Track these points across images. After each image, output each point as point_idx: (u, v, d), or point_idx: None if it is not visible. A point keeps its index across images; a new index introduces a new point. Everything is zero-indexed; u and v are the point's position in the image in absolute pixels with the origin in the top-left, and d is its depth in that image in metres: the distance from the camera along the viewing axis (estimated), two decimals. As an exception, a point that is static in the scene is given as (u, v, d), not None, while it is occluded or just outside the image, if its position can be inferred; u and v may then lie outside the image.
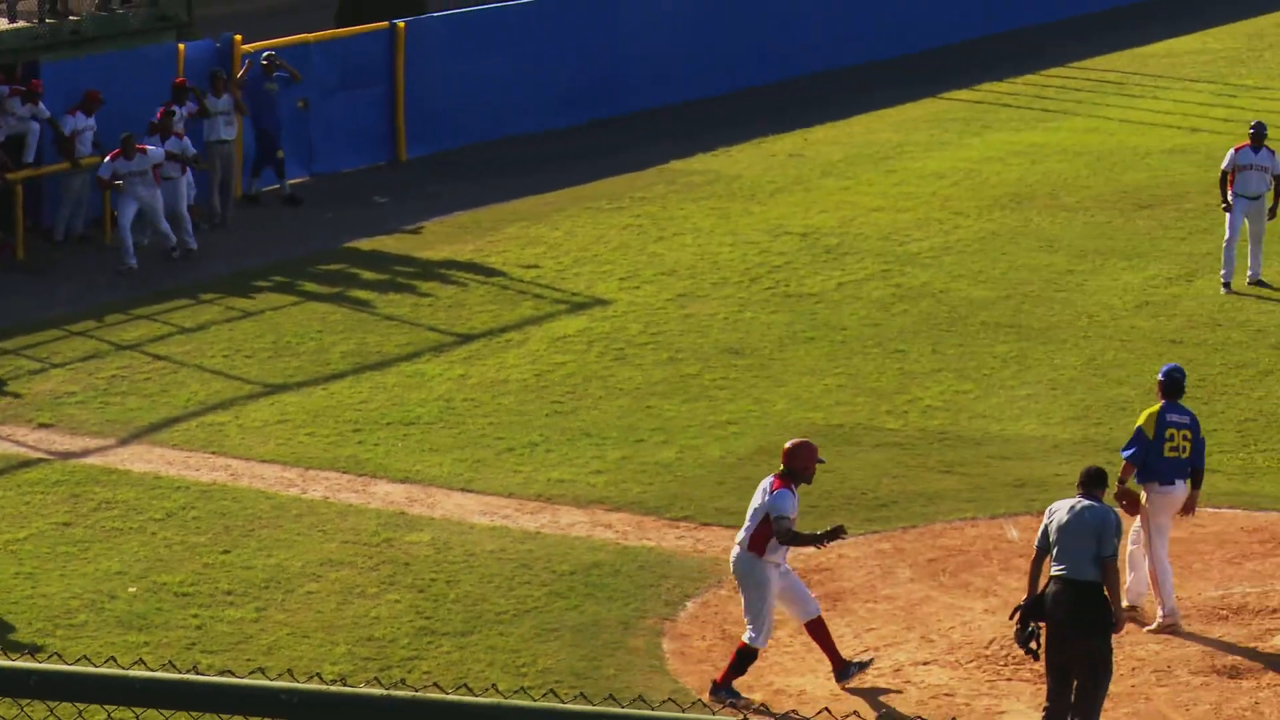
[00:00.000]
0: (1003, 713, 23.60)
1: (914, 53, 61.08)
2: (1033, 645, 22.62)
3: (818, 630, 24.63)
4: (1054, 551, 22.82)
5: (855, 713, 21.74)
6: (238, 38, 47.02)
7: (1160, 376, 27.41)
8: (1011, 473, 29.99)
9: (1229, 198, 37.80)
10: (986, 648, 24.96)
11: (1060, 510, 22.90)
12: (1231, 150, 38.15)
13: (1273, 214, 38.37)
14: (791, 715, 23.75)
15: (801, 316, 38.19)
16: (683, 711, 17.57)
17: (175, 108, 43.51)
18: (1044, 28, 65.45)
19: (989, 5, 65.37)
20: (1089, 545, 22.64)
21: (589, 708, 7.65)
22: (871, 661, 24.86)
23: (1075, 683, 22.60)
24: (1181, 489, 26.03)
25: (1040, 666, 23.35)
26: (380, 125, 49.67)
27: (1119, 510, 24.65)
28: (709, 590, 27.02)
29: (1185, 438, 26.02)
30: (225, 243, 44.21)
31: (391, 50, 49.96)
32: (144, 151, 41.87)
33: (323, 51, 49.17)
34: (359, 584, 27.15)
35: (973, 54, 61.46)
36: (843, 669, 24.59)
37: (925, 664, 24.90)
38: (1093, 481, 23.20)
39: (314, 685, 8.26)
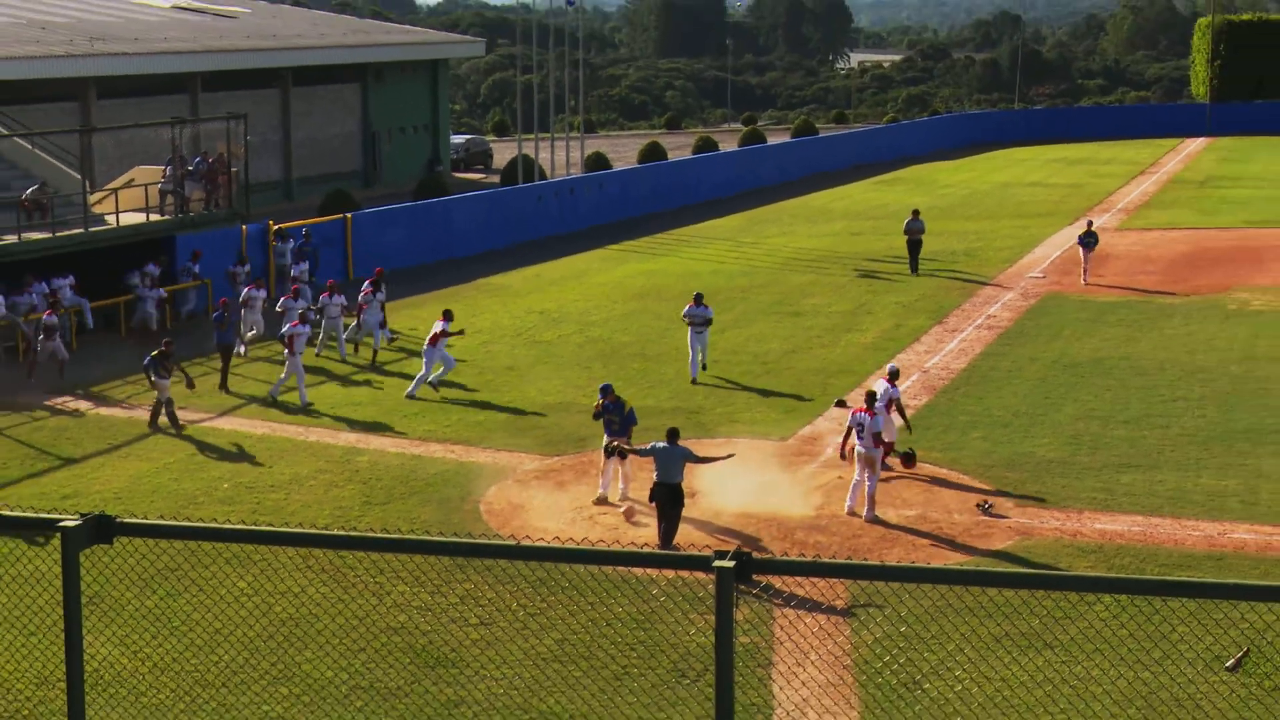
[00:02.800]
0: (642, 533, 22.96)
1: (585, 228, 59.98)
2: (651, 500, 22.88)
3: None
4: (657, 470, 22.59)
5: (571, 538, 22.34)
6: (271, 222, 45.58)
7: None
8: (646, 422, 27.63)
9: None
10: (623, 502, 24.61)
11: (658, 447, 22.77)
12: (687, 305, 34.74)
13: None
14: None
15: (542, 352, 37.34)
16: (487, 540, 16.14)
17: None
18: (650, 216, 64.76)
19: (624, 200, 64.68)
20: (675, 466, 22.44)
21: (450, 540, 8.16)
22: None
23: (663, 522, 22.42)
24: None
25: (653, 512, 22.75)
26: (340, 262, 47.69)
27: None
28: (501, 481, 26.36)
29: None
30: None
31: (344, 228, 48.54)
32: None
33: (315, 229, 46.48)
34: (334, 480, 26.68)
35: (617, 228, 60.41)
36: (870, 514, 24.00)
37: (605, 513, 24.50)
38: (673, 435, 22.92)
39: (313, 530, 9.10)
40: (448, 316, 34.27)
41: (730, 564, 7.41)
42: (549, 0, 69.58)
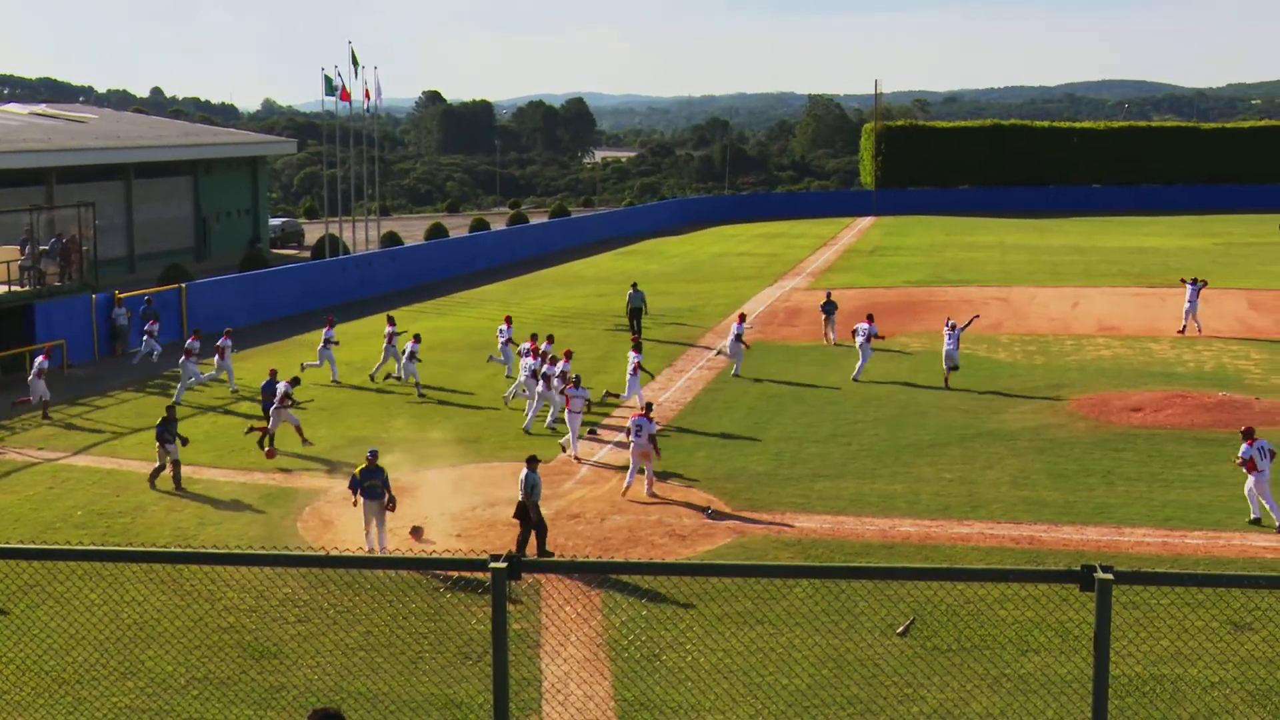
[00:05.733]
0: (430, 547, 22.14)
1: (383, 293, 58.47)
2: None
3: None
4: (522, 493, 21.83)
5: (373, 548, 22.06)
6: (117, 292, 44.32)
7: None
8: (439, 450, 27.86)
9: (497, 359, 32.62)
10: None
11: (525, 476, 21.84)
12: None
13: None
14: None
15: (348, 396, 35.71)
16: (302, 551, 15.68)
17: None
18: (436, 283, 63.51)
19: (414, 270, 63.95)
20: (533, 493, 21.81)
21: (272, 552, 8.00)
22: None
23: (529, 532, 21.77)
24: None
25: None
26: (176, 323, 45.45)
27: None
28: (314, 503, 25.24)
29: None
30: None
31: (180, 295, 46.74)
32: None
33: (156, 296, 45.16)
34: (173, 505, 25.22)
35: (409, 293, 58.68)
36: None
37: (402, 526, 23.03)
38: (532, 462, 22.27)
39: (155, 549, 8.59)
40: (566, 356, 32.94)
41: (503, 565, 7.32)
42: (349, 108, 69.00)
